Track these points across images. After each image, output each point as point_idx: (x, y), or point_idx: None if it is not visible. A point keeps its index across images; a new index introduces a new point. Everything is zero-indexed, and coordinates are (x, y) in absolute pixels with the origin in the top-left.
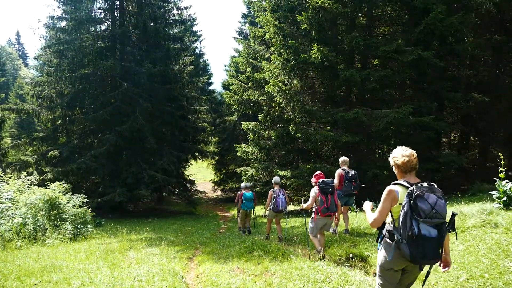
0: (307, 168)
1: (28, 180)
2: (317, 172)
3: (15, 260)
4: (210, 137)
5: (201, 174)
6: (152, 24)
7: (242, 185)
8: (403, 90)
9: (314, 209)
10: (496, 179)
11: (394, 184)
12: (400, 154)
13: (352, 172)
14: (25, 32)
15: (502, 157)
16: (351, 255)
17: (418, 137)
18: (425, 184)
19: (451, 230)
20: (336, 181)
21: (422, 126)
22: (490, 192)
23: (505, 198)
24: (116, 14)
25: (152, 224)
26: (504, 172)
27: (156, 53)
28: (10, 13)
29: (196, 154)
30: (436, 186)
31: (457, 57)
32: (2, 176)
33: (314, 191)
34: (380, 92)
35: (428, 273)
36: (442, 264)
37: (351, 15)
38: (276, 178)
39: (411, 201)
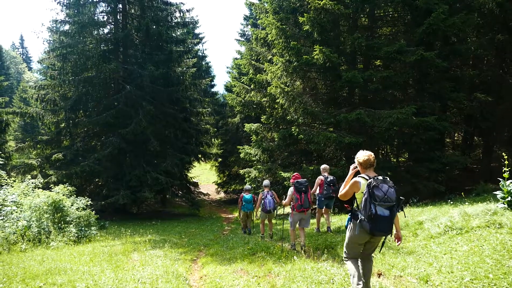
0: (311, 169)
1: (32, 183)
2: (294, 174)
3: (19, 262)
4: (213, 139)
5: (204, 176)
6: (154, 27)
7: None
8: (406, 90)
9: (291, 206)
10: (500, 179)
11: (358, 177)
12: (362, 155)
13: (330, 177)
14: (29, 36)
15: (506, 157)
16: None
17: (421, 137)
18: (380, 177)
19: (399, 210)
20: (315, 187)
21: (425, 126)
22: (494, 192)
23: (509, 198)
24: (118, 17)
25: (155, 226)
26: (508, 172)
27: (158, 56)
28: (13, 17)
29: (199, 156)
30: (388, 179)
31: (460, 57)
32: (6, 179)
33: (290, 190)
34: (382, 92)
35: (383, 242)
36: (396, 239)
37: (353, 16)
38: (265, 182)
39: (370, 190)
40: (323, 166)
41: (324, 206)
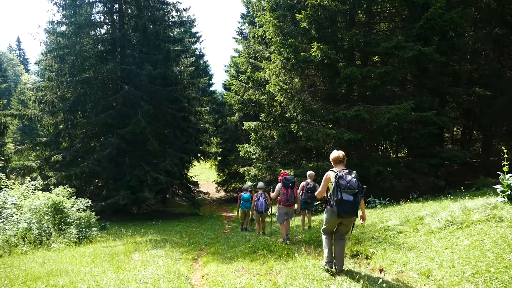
0: (310, 167)
1: (32, 185)
2: (282, 171)
3: (21, 265)
4: (212, 138)
5: (204, 175)
6: (151, 26)
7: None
8: (404, 86)
9: (278, 200)
10: (500, 173)
11: (330, 171)
12: (333, 153)
13: (311, 184)
14: (26, 38)
15: (505, 150)
16: (355, 252)
17: (421, 132)
18: (346, 170)
19: (363, 196)
20: (299, 190)
21: (424, 121)
22: (494, 186)
23: (509, 192)
24: (115, 18)
25: (156, 226)
26: (507, 166)
27: (156, 55)
28: (10, 19)
29: (199, 155)
30: (353, 171)
31: (458, 52)
32: (6, 182)
33: (278, 186)
34: (381, 88)
35: (353, 225)
36: (361, 219)
37: (350, 12)
38: (259, 184)
39: (336, 180)
40: (309, 172)
41: (304, 208)
